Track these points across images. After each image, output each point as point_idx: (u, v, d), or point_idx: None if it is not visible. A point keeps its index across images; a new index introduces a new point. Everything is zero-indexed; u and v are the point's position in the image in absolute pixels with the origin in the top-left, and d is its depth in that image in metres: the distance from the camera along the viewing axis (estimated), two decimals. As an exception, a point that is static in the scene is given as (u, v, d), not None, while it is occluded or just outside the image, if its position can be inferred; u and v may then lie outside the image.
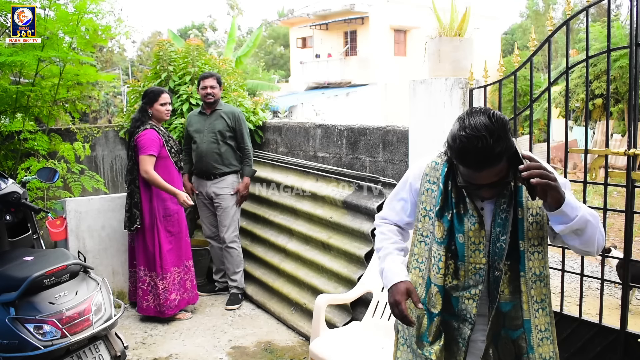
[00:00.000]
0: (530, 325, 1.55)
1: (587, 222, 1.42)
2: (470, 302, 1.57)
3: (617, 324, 2.51)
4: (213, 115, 4.09)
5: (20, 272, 2.30)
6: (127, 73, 24.45)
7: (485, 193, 1.50)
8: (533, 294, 1.54)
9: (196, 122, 4.14)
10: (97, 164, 5.12)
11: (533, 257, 1.54)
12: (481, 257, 1.56)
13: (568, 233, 1.44)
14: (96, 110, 16.36)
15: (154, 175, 3.66)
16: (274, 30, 35.51)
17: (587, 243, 1.47)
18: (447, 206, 1.59)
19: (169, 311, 3.80)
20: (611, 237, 6.81)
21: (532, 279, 1.54)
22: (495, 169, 1.40)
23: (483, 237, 1.55)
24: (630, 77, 2.38)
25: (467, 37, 3.06)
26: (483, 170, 1.40)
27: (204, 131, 4.07)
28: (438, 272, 1.61)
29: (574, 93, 13.06)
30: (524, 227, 1.52)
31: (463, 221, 1.56)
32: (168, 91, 3.94)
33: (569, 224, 1.41)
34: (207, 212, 4.27)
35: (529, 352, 1.56)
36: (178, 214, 3.84)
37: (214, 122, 4.07)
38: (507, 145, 1.38)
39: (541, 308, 1.56)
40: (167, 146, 3.78)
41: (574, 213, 1.40)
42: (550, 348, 1.57)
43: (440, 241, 1.60)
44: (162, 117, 3.81)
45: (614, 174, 2.75)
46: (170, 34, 11.58)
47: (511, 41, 28.03)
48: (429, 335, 1.64)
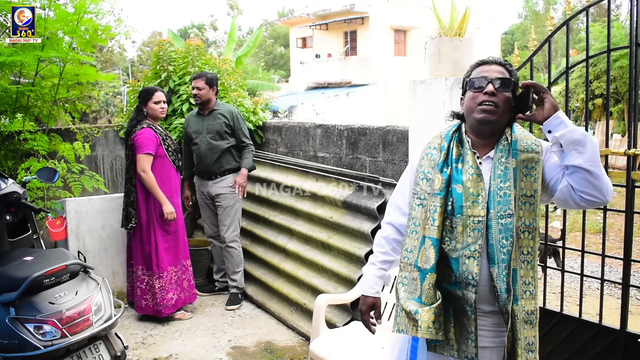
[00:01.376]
0: (517, 275, 1.57)
1: (586, 135, 1.50)
2: (471, 261, 1.57)
3: (617, 324, 2.52)
4: (211, 116, 4.09)
5: (20, 272, 2.30)
6: (127, 73, 24.45)
7: (491, 87, 1.59)
8: (520, 245, 1.57)
9: (194, 123, 4.14)
10: (97, 164, 5.12)
11: (524, 207, 1.57)
12: (479, 210, 1.58)
13: (568, 145, 1.51)
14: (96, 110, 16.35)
15: (150, 176, 3.66)
16: (274, 30, 35.51)
17: (592, 161, 1.49)
18: (447, 162, 1.66)
19: (166, 310, 3.80)
20: (611, 237, 6.81)
21: (521, 228, 1.57)
22: (503, 69, 1.63)
23: (481, 189, 1.59)
24: (630, 77, 2.38)
25: (467, 37, 3.06)
26: (492, 64, 1.64)
27: (202, 132, 4.08)
28: (433, 224, 1.62)
29: (574, 93, 13.06)
30: (517, 177, 1.58)
31: (461, 173, 1.62)
32: (162, 89, 3.93)
33: (568, 128, 1.51)
34: (208, 211, 4.28)
35: (513, 303, 1.56)
36: (175, 213, 3.83)
37: (212, 122, 4.07)
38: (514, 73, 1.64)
39: (527, 260, 1.58)
40: (164, 145, 3.77)
41: (571, 124, 1.53)
42: (532, 303, 1.58)
43: (438, 192, 1.63)
44: (157, 115, 3.80)
45: (614, 174, 2.76)
46: (170, 34, 11.60)
47: (511, 41, 28.03)
48: (422, 296, 1.61)
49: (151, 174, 3.67)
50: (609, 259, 2.81)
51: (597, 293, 4.74)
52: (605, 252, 2.58)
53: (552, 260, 4.71)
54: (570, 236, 6.70)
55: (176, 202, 3.85)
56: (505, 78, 1.61)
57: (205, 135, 4.07)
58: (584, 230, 2.65)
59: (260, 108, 5.29)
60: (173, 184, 3.83)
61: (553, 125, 1.55)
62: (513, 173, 1.58)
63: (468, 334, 1.60)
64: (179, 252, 3.90)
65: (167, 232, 3.83)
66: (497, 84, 1.60)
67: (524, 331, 1.56)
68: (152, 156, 3.68)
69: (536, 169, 1.59)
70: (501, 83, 1.60)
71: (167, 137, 3.86)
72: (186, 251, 3.98)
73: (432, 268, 1.60)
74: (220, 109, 4.10)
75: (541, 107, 1.58)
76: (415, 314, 1.60)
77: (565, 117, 1.54)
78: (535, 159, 1.60)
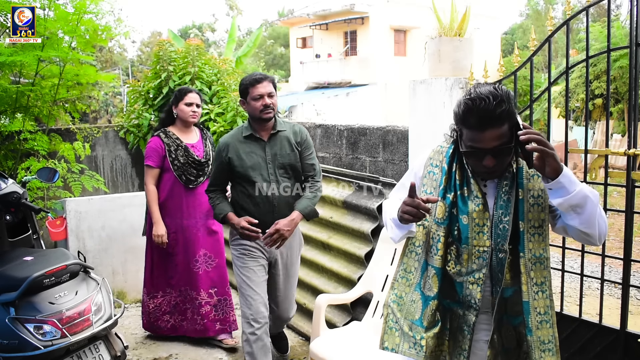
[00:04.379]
0: (529, 307, 1.54)
1: (587, 197, 1.41)
2: (474, 287, 1.57)
3: (617, 324, 2.51)
4: (275, 141, 2.73)
5: (20, 272, 2.30)
6: (127, 73, 24.45)
7: (489, 162, 1.47)
8: (532, 276, 1.54)
9: (246, 152, 2.70)
10: (97, 163, 5.12)
11: (533, 238, 1.53)
12: (485, 240, 1.55)
13: (566, 209, 1.44)
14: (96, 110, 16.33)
15: (148, 190, 3.31)
16: (274, 30, 35.51)
17: (588, 223, 1.44)
18: (449, 187, 1.61)
19: (159, 331, 3.55)
20: (611, 237, 6.81)
21: (531, 260, 1.54)
22: (497, 130, 1.43)
23: (487, 219, 1.55)
24: (630, 77, 2.38)
25: (467, 37, 3.06)
26: (486, 131, 1.43)
27: (265, 166, 2.70)
28: (436, 254, 1.61)
29: (574, 93, 13.06)
30: (524, 209, 1.53)
31: (467, 203, 1.57)
32: (199, 91, 3.52)
33: (566, 196, 1.40)
34: (261, 275, 2.83)
35: (527, 335, 1.55)
36: (176, 234, 3.36)
37: (280, 151, 2.72)
38: (510, 110, 1.43)
39: (541, 291, 1.55)
40: (169, 157, 3.29)
41: (573, 187, 1.40)
42: (550, 332, 1.56)
43: (441, 222, 1.60)
44: (187, 119, 3.33)
45: (614, 174, 2.76)
46: (170, 34, 11.58)
47: (511, 41, 28.02)
48: (423, 320, 1.62)
49: (151, 188, 3.31)
50: (609, 259, 2.81)
51: (597, 293, 4.73)
52: (605, 252, 2.58)
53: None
54: (570, 236, 6.69)
55: (184, 224, 3.35)
56: (504, 147, 1.45)
57: (272, 171, 2.70)
58: (584, 230, 2.65)
59: (260, 108, 5.29)
60: (183, 202, 3.33)
61: (553, 194, 1.44)
62: (519, 205, 1.53)
63: (461, 351, 1.62)
64: (179, 278, 3.42)
65: (161, 253, 3.40)
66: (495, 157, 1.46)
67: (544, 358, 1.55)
68: (154, 169, 3.30)
69: (542, 197, 1.53)
70: (500, 154, 1.46)
71: (178, 147, 3.31)
72: (193, 280, 3.41)
73: (435, 296, 1.62)
74: (287, 130, 2.78)
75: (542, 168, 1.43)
76: (421, 339, 1.61)
77: (567, 180, 1.40)
78: (542, 186, 1.53)
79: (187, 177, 3.33)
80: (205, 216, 3.39)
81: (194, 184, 3.35)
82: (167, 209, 3.34)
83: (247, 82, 2.67)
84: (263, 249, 2.78)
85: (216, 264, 3.45)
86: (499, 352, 1.59)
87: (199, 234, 3.38)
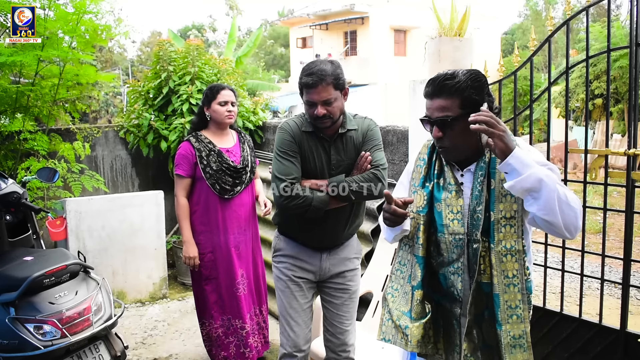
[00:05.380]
0: (499, 299, 1.51)
1: (541, 181, 1.35)
2: (455, 277, 1.59)
3: (617, 324, 2.51)
4: (340, 142, 2.24)
5: (20, 272, 2.30)
6: (127, 73, 24.45)
7: (435, 133, 1.52)
8: (503, 268, 1.51)
9: (309, 148, 2.22)
10: (97, 164, 5.12)
11: (504, 229, 1.50)
12: (459, 227, 1.55)
13: (521, 193, 1.40)
14: (96, 110, 16.35)
15: (179, 203, 2.90)
16: (274, 30, 35.51)
17: (546, 210, 1.37)
18: (429, 176, 1.64)
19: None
20: (611, 237, 6.81)
21: (502, 251, 1.50)
22: (444, 101, 1.49)
23: (461, 207, 1.56)
24: (630, 77, 2.38)
25: (467, 37, 3.06)
26: (433, 99, 1.52)
27: (327, 174, 2.22)
28: (417, 242, 1.63)
29: (574, 93, 13.06)
30: (495, 198, 1.51)
31: (442, 191, 1.60)
32: (233, 88, 3.01)
33: (517, 178, 1.37)
34: (303, 302, 2.34)
35: (497, 328, 1.51)
36: (214, 254, 2.93)
37: (344, 155, 2.24)
38: (462, 87, 1.47)
39: (512, 284, 1.51)
40: (200, 163, 2.86)
41: (525, 169, 1.36)
42: (521, 327, 1.52)
43: (421, 210, 1.63)
44: (222, 120, 2.91)
45: (614, 174, 2.75)
46: (170, 34, 11.59)
47: (511, 41, 28.02)
48: (412, 310, 1.63)
49: (181, 201, 2.89)
50: (609, 259, 2.80)
51: (597, 293, 4.73)
52: (605, 252, 2.58)
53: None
54: (570, 236, 6.69)
55: (221, 241, 2.92)
56: (445, 120, 1.49)
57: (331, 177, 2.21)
58: (584, 231, 2.65)
59: (260, 108, 5.30)
60: (219, 216, 2.90)
61: (507, 177, 1.40)
62: (490, 195, 1.51)
63: (454, 346, 1.63)
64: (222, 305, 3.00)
65: (202, 276, 2.98)
66: (440, 129, 1.51)
67: (512, 356, 1.51)
68: (185, 178, 2.88)
69: None
70: (443, 125, 1.50)
71: (210, 152, 2.88)
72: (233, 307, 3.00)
73: (418, 285, 1.63)
74: (357, 128, 2.28)
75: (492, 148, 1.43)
76: (406, 329, 1.63)
77: (517, 162, 1.37)
78: None
79: (221, 185, 2.89)
80: (244, 231, 2.99)
81: (229, 194, 2.91)
82: (201, 224, 2.91)
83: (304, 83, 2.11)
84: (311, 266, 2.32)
85: (253, 283, 3.09)
86: (479, 348, 1.58)
87: (238, 252, 2.97)
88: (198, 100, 4.52)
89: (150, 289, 4.37)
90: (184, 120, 4.51)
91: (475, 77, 1.50)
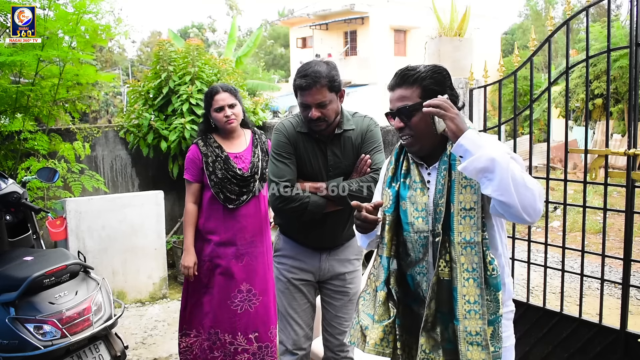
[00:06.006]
0: (457, 294, 1.46)
1: (493, 160, 1.32)
2: (421, 277, 1.57)
3: (617, 324, 2.52)
4: (337, 142, 2.20)
5: (20, 272, 2.30)
6: (127, 73, 24.46)
7: (396, 123, 1.54)
8: (463, 261, 1.47)
9: (305, 148, 2.20)
10: (97, 164, 5.12)
11: (464, 221, 1.47)
12: (423, 224, 1.54)
13: (474, 174, 1.37)
14: (96, 110, 16.36)
15: (187, 209, 2.76)
16: (274, 30, 35.53)
17: (501, 190, 1.33)
18: (395, 177, 1.64)
19: None
20: (611, 237, 6.81)
21: (461, 244, 1.47)
22: (403, 91, 1.53)
23: (425, 204, 1.54)
24: (630, 77, 2.38)
25: (467, 37, 3.07)
26: (394, 90, 1.56)
27: (321, 171, 2.20)
28: (382, 242, 1.62)
29: (574, 93, 13.07)
30: (455, 190, 1.49)
31: (407, 189, 1.59)
32: (232, 87, 2.76)
33: (469, 159, 1.35)
34: (303, 302, 2.36)
35: (454, 323, 1.47)
36: (211, 263, 2.77)
37: (341, 157, 2.20)
38: (421, 77, 1.52)
39: (472, 278, 1.46)
40: (206, 170, 2.69)
41: (477, 150, 1.35)
42: (479, 323, 1.45)
43: (387, 209, 1.62)
44: (223, 127, 2.71)
45: (614, 174, 2.76)
46: (170, 34, 11.60)
47: (511, 41, 28.03)
48: (374, 312, 1.61)
49: (189, 207, 2.75)
50: (609, 259, 2.80)
51: (597, 293, 4.73)
52: (605, 252, 2.58)
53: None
54: (570, 236, 6.70)
55: (220, 252, 2.75)
56: (403, 108, 1.52)
57: (329, 179, 2.19)
58: (584, 230, 2.65)
59: (260, 108, 5.30)
60: (221, 225, 2.73)
61: (459, 153, 1.40)
62: (450, 186, 1.49)
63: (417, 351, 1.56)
64: (213, 317, 2.80)
65: (197, 284, 2.81)
66: (401, 118, 1.53)
67: (469, 353, 1.45)
68: (192, 183, 2.73)
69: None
70: (402, 114, 1.53)
71: (217, 158, 2.70)
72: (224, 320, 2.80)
73: (381, 286, 1.61)
74: (355, 127, 2.22)
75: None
76: (366, 329, 1.62)
77: (469, 143, 1.36)
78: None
79: (225, 194, 2.69)
80: (250, 243, 2.77)
81: (234, 204, 2.71)
82: (205, 231, 2.76)
83: (297, 85, 2.07)
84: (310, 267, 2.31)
85: (260, 302, 2.81)
86: (441, 346, 1.52)
87: (240, 265, 2.76)
88: (198, 100, 4.52)
89: (150, 289, 4.37)
90: (184, 120, 4.51)
91: (435, 70, 1.54)
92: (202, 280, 2.78)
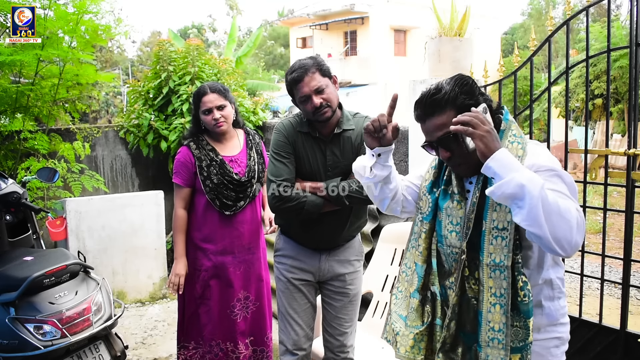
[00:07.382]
0: (482, 319, 1.37)
1: (523, 187, 1.17)
2: (450, 292, 1.50)
3: (617, 324, 2.52)
4: (337, 141, 2.18)
5: (20, 272, 2.30)
6: (127, 73, 24.46)
7: (442, 154, 1.41)
8: (491, 285, 1.36)
9: (305, 148, 2.19)
10: (97, 164, 5.12)
11: (495, 241, 1.35)
12: (456, 240, 1.45)
13: (505, 200, 1.23)
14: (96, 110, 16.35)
15: (176, 215, 2.59)
16: (274, 30, 35.52)
17: (530, 220, 1.18)
18: (437, 183, 1.56)
19: None
20: (611, 237, 6.81)
21: (490, 266, 1.35)
22: (437, 119, 1.38)
23: (461, 218, 1.45)
24: (630, 77, 2.38)
25: (467, 37, 3.07)
26: (426, 121, 1.42)
27: (320, 171, 2.18)
28: (418, 249, 1.56)
29: (574, 93, 13.06)
30: (489, 206, 1.37)
31: (446, 198, 1.50)
32: (221, 87, 2.58)
33: (498, 183, 1.21)
34: (303, 302, 2.33)
35: (478, 349, 1.39)
36: (208, 273, 2.62)
37: (341, 156, 2.18)
38: (451, 97, 1.37)
39: (499, 304, 1.35)
40: (200, 175, 2.54)
41: (507, 173, 1.20)
42: (501, 354, 1.35)
43: (425, 216, 1.55)
44: (212, 130, 2.56)
45: (614, 174, 2.75)
46: (170, 34, 11.61)
47: (511, 41, 28.03)
48: (408, 316, 1.57)
49: (179, 213, 2.58)
50: (609, 259, 2.81)
51: (597, 293, 4.73)
52: (605, 252, 2.58)
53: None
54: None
55: (218, 261, 2.61)
56: (446, 137, 1.37)
57: (328, 178, 2.17)
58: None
59: (260, 108, 5.30)
60: (217, 233, 2.59)
61: (488, 175, 1.26)
62: (485, 203, 1.37)
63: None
64: (213, 328, 2.68)
65: (193, 295, 2.67)
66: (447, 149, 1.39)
67: None
68: (183, 188, 2.57)
69: None
70: (449, 143, 1.38)
71: (212, 161, 2.56)
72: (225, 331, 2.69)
73: (414, 293, 1.56)
74: (354, 127, 2.20)
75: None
76: (397, 335, 1.58)
77: (498, 165, 1.22)
78: None
79: (222, 201, 2.56)
80: (248, 250, 2.68)
81: (231, 210, 2.58)
82: (199, 239, 2.61)
83: (290, 81, 2.10)
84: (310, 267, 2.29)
85: (257, 308, 2.74)
86: None
87: (238, 273, 2.65)
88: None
89: (150, 289, 4.37)
90: (184, 120, 4.51)
91: (461, 82, 1.39)
92: (198, 291, 2.64)
